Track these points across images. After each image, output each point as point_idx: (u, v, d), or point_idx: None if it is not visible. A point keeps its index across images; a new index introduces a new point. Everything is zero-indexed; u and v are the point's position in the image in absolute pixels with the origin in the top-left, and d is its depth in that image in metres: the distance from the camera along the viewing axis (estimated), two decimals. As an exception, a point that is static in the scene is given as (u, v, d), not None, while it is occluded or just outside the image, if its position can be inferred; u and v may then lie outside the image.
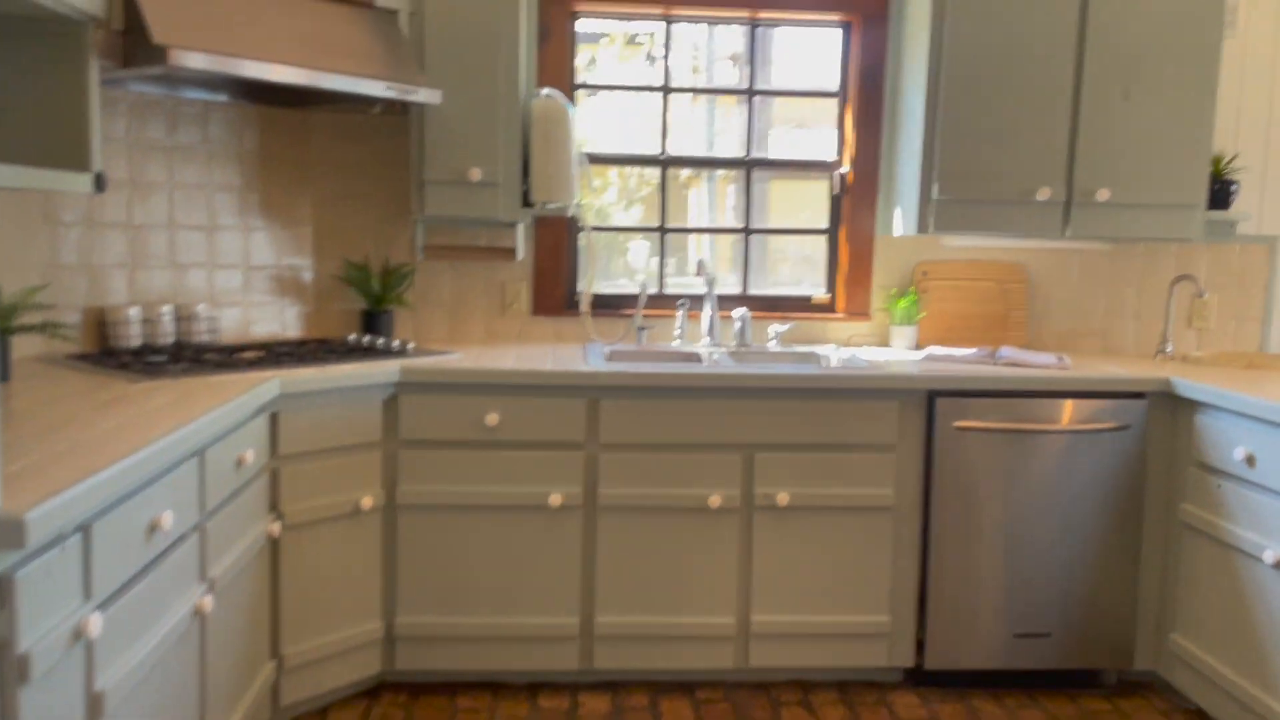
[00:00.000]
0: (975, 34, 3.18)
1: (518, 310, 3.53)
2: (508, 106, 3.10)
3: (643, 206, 3.94)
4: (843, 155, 3.66)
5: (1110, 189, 3.24)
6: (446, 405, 2.87)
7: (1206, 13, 3.20)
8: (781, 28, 3.67)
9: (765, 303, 3.67)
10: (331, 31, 2.78)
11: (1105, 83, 3.21)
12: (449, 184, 3.10)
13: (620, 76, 3.94)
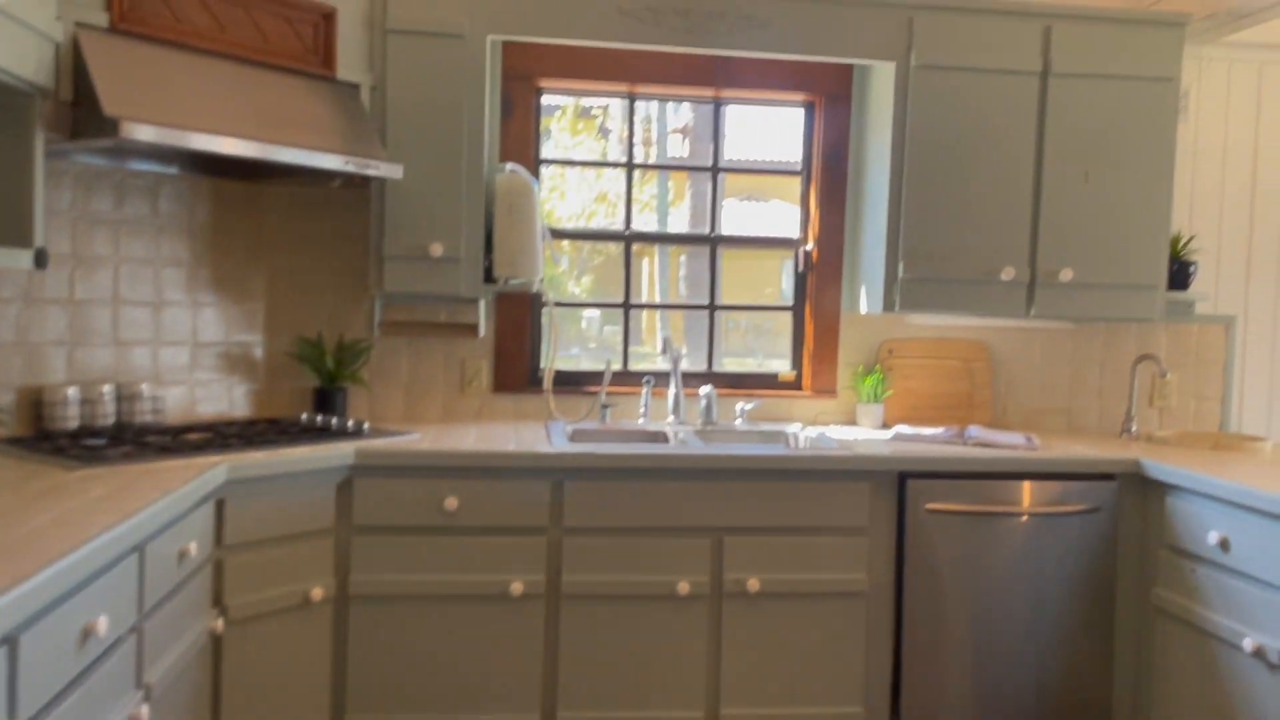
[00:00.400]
0: (937, 115, 3.21)
1: (478, 388, 3.43)
2: (471, 181, 3.05)
3: (594, 276, 3.90)
4: (807, 232, 3.65)
5: (1073, 269, 3.25)
6: (403, 489, 2.74)
7: (1160, 98, 3.27)
8: (738, 104, 3.68)
9: (731, 380, 3.61)
10: (289, 104, 2.71)
11: (1065, 165, 3.25)
12: (409, 259, 3.02)
13: (575, 149, 3.92)
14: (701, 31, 3.13)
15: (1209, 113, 3.71)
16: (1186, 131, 3.64)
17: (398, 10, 2.97)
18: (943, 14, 3.19)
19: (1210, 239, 3.71)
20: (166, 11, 2.51)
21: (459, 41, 3.00)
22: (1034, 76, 3.22)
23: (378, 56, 2.98)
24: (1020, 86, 3.22)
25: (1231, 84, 3.71)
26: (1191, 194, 3.71)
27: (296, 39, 2.79)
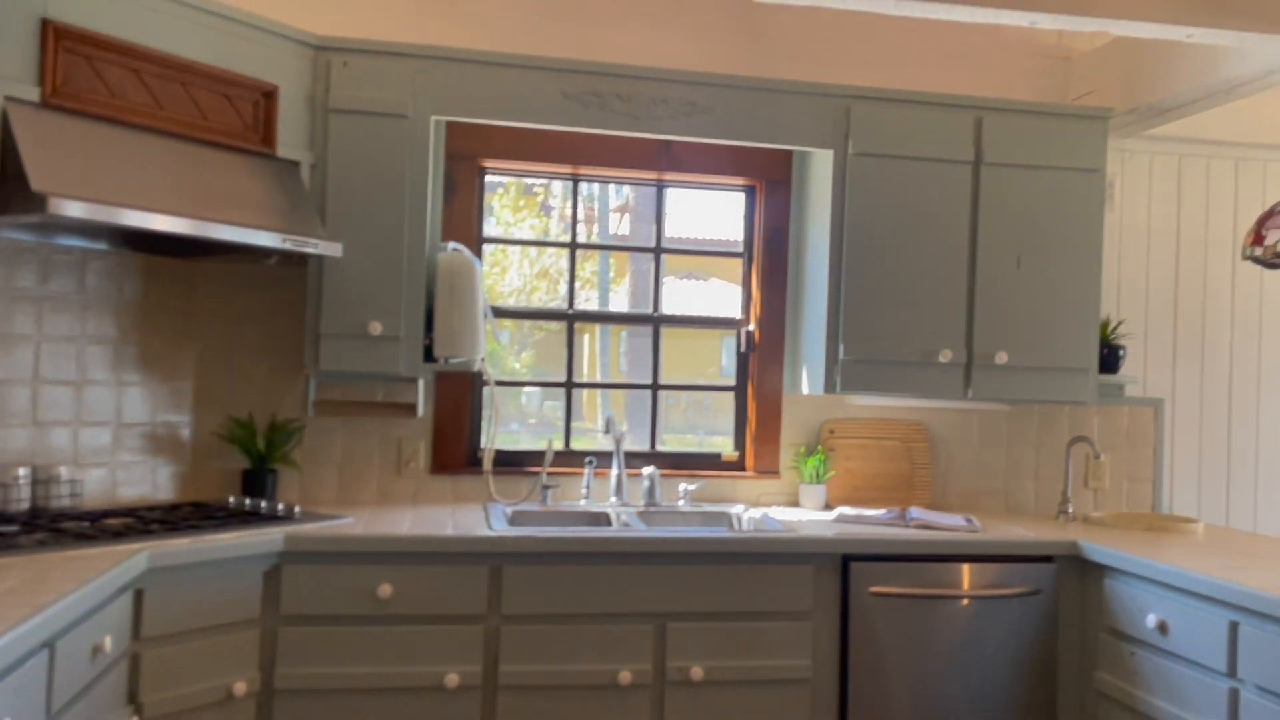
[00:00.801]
0: (875, 201, 3.27)
1: (415, 469, 3.35)
2: (412, 259, 3.01)
3: (535, 351, 3.87)
4: (749, 313, 3.67)
5: (1008, 352, 3.31)
6: (334, 576, 2.64)
7: (1087, 188, 3.38)
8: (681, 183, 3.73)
9: (674, 460, 3.58)
10: (226, 181, 2.67)
11: (999, 250, 3.33)
12: (347, 337, 2.96)
13: (518, 225, 3.92)
14: (645, 116, 3.17)
15: (1133, 202, 3.85)
16: (1113, 220, 3.76)
17: (341, 90, 2.96)
18: (878, 104, 3.28)
19: (1137, 324, 3.82)
20: (101, 87, 2.46)
21: (403, 121, 3.00)
22: (967, 165, 3.32)
23: (319, 134, 2.96)
24: (954, 174, 3.31)
25: (1153, 175, 3.86)
26: (1119, 280, 3.82)
27: (236, 116, 2.76)
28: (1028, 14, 2.65)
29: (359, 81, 2.97)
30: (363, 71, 2.97)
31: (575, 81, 3.12)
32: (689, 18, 3.50)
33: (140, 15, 2.56)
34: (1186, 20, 2.67)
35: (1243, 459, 3.94)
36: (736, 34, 3.55)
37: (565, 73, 3.11)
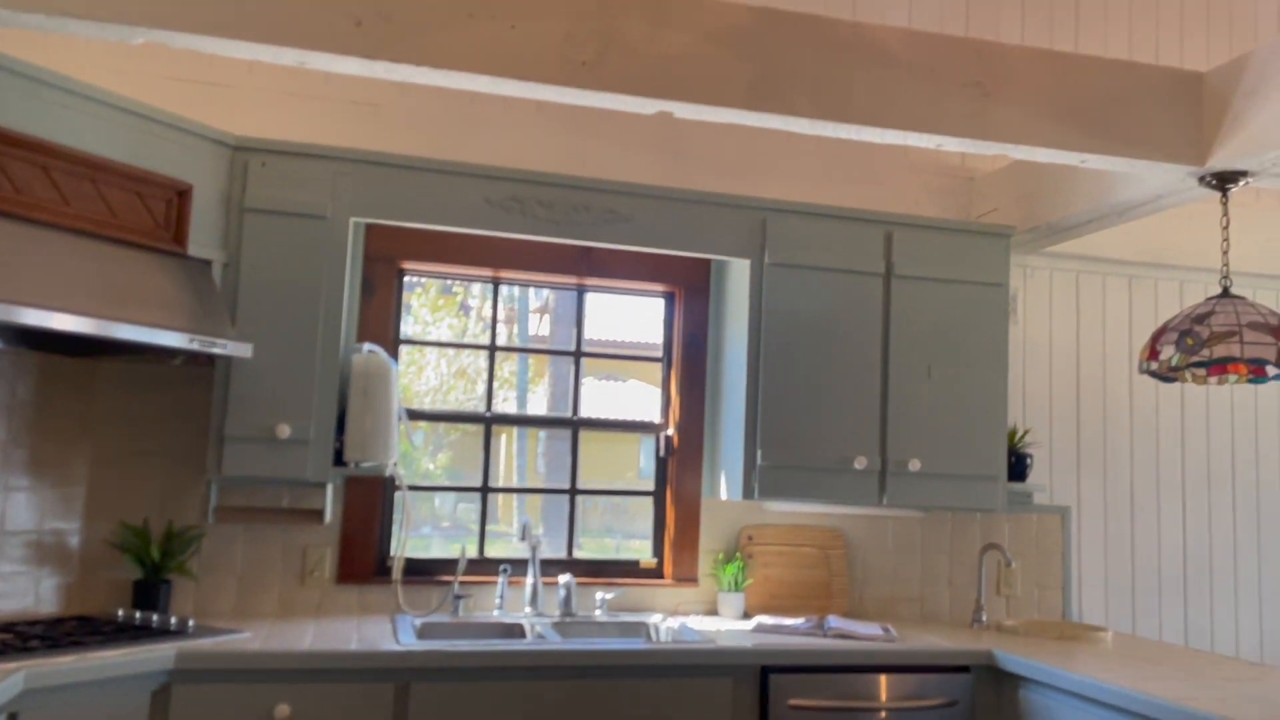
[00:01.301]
0: (791, 309, 3.34)
1: (320, 578, 3.21)
2: (325, 360, 2.95)
3: (451, 452, 3.79)
4: (668, 417, 3.67)
5: (921, 459, 3.36)
6: (228, 696, 2.49)
7: (992, 301, 3.50)
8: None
9: (590, 567, 3.51)
10: (133, 280, 2.59)
11: (910, 360, 3.41)
12: (253, 440, 2.86)
13: (436, 324, 3.88)
14: (567, 223, 3.20)
15: (1035, 315, 4.00)
16: (1017, 332, 3.90)
17: (258, 189, 2.92)
18: (794, 216, 3.37)
19: (1043, 433, 3.93)
20: (6, 183, 2.38)
21: (321, 222, 2.97)
22: (878, 277, 3.41)
23: (234, 233, 2.91)
24: (866, 286, 3.40)
25: (1053, 290, 4.03)
26: (1024, 390, 3.94)
27: (147, 214, 2.69)
28: (933, 136, 2.77)
29: (277, 182, 2.94)
30: (282, 172, 2.95)
31: (498, 188, 3.14)
32: (611, 128, 3.58)
33: (52, 112, 2.50)
34: (1080, 148, 2.83)
35: (1146, 566, 4.04)
36: (657, 145, 3.64)
37: (488, 179, 3.13)
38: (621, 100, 2.61)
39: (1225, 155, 2.79)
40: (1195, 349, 2.75)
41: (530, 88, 2.55)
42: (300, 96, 3.31)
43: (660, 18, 2.60)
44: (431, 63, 2.45)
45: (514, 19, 2.49)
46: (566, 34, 2.53)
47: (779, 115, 2.69)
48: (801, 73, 2.68)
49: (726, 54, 2.64)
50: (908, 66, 2.75)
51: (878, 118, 2.72)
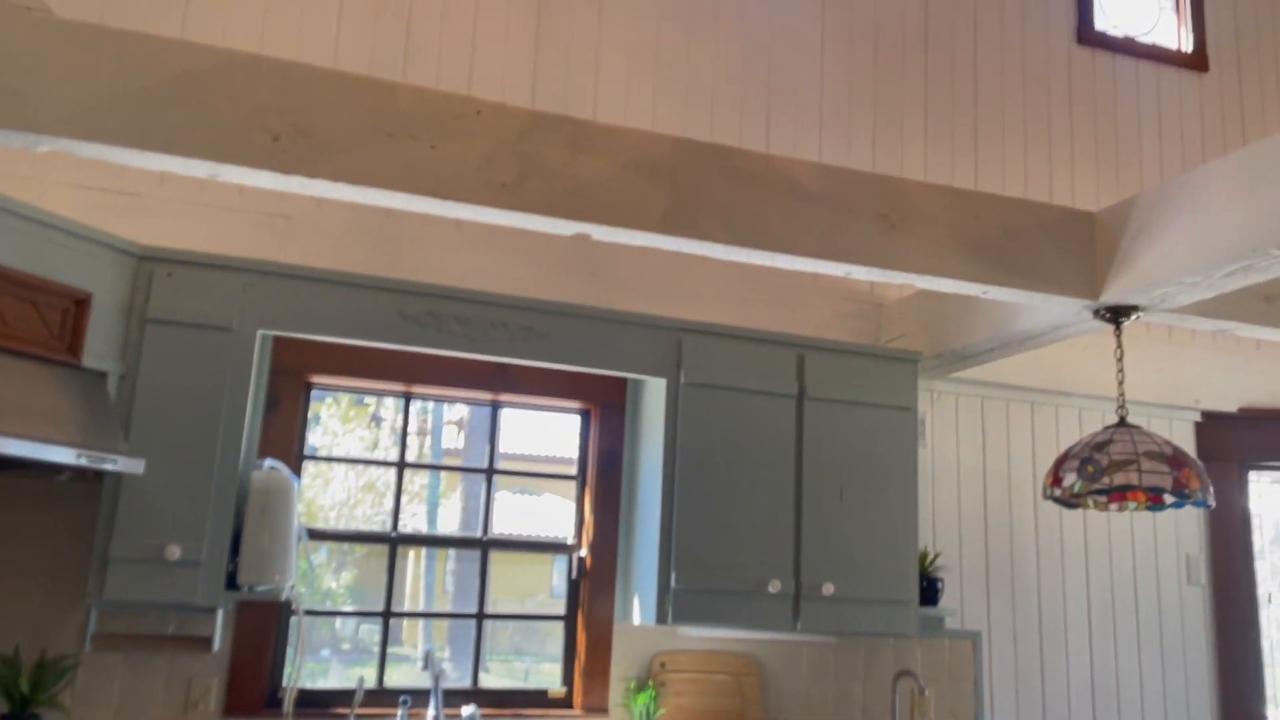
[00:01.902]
0: (706, 430, 3.34)
1: (205, 711, 3.00)
2: (223, 478, 2.82)
3: (355, 570, 3.65)
4: (581, 538, 3.60)
5: (833, 584, 3.34)
6: (95, 847, 2.28)
7: (902, 424, 3.56)
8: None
9: (497, 697, 3.37)
10: (20, 391, 2.46)
11: (823, 482, 3.42)
12: (140, 562, 2.70)
13: (346, 435, 3.78)
14: (482, 339, 3.18)
15: (943, 439, 4.08)
16: (926, 455, 3.97)
17: (162, 300, 2.84)
18: (708, 337, 3.41)
19: (953, 557, 3.97)
20: (-115, 286, 2.27)
21: (226, 334, 2.89)
22: (791, 399, 3.45)
23: (133, 345, 2.80)
24: (780, 407, 3.43)
25: (960, 414, 4.13)
26: (934, 514, 3.99)
27: (41, 324, 2.58)
28: (843, 265, 2.85)
29: (182, 292, 2.86)
30: (188, 282, 2.87)
31: (413, 303, 3.11)
32: (529, 246, 3.61)
33: (-56, 214, 2.41)
34: (982, 279, 2.93)
35: (1056, 691, 4.05)
36: (574, 264, 3.67)
37: (404, 294, 3.11)
38: (540, 221, 2.63)
39: (1116, 290, 2.92)
40: (1096, 476, 2.82)
41: (449, 206, 2.55)
42: (212, 207, 3.26)
43: (579, 144, 2.65)
44: (349, 179, 2.44)
45: (434, 140, 2.51)
46: (486, 156, 2.55)
47: (695, 240, 2.73)
48: (716, 200, 2.74)
49: (644, 180, 2.69)
50: (818, 198, 2.84)
51: (790, 246, 2.79)
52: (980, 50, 4.38)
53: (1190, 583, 4.31)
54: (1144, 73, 4.64)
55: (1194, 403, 4.34)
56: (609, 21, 3.91)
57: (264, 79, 2.35)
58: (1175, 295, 2.85)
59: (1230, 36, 4.83)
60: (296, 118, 2.37)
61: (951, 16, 4.37)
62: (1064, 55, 4.51)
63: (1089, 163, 4.45)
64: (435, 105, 2.51)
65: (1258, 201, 2.53)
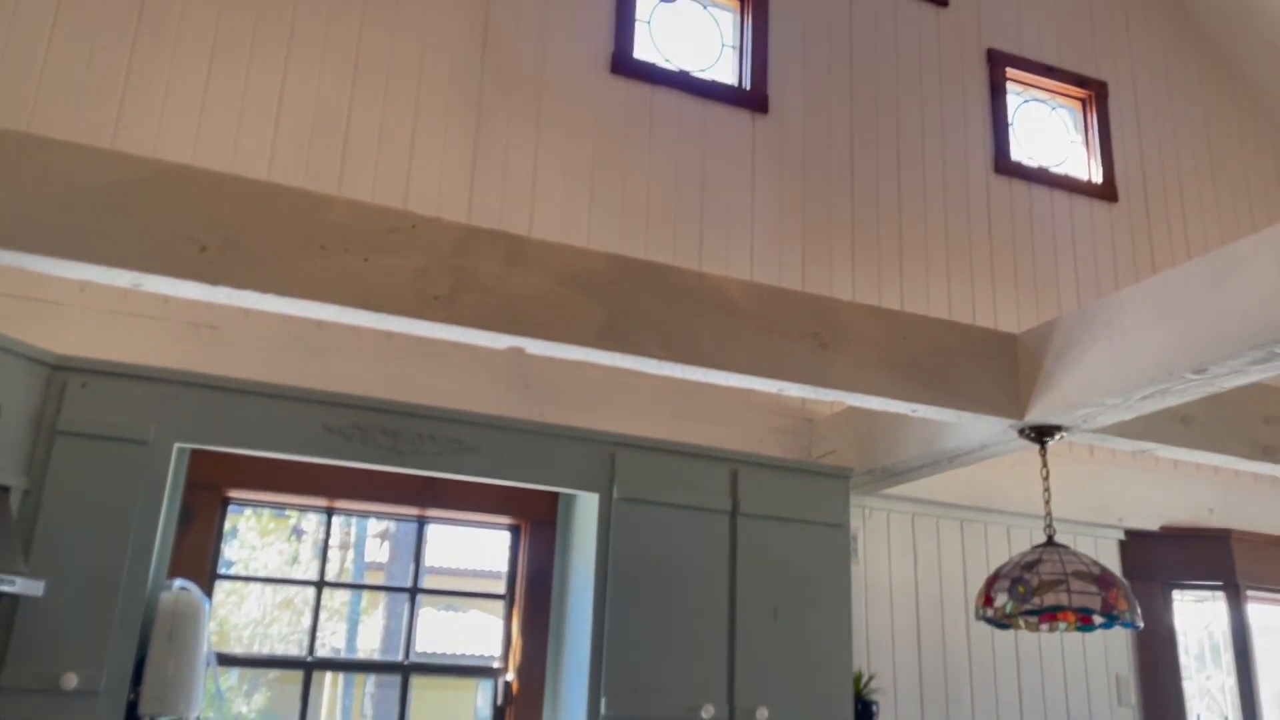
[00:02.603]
0: (639, 546, 3.28)
1: None
2: (129, 599, 2.67)
3: (269, 692, 3.45)
4: (508, 660, 3.47)
5: (768, 707, 3.26)
6: None
7: (834, 541, 3.55)
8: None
9: (413, 835, 3.17)
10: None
11: (757, 601, 3.37)
12: (32, 692, 2.51)
13: (264, 548, 3.63)
14: (411, 452, 3.11)
15: (875, 556, 4.07)
16: (859, 573, 3.95)
17: (74, 412, 2.73)
18: (641, 451, 3.38)
19: (887, 677, 3.91)
20: None
21: (141, 448, 2.78)
22: (725, 515, 3.42)
23: (40, 458, 2.67)
24: (713, 523, 3.40)
25: (891, 531, 4.14)
26: (867, 633, 3.94)
27: (-60, 433, 2.46)
28: (775, 382, 2.87)
29: (97, 404, 2.76)
30: (103, 394, 2.77)
31: (339, 414, 3.04)
32: (461, 358, 3.58)
33: None
34: (910, 398, 2.98)
35: (993, 817, 3.96)
36: (507, 376, 3.64)
37: (330, 405, 3.03)
38: (474, 334, 2.61)
39: (1040, 410, 2.99)
40: (1027, 597, 2.82)
41: (380, 319, 2.52)
42: (134, 316, 3.18)
43: (515, 259, 2.65)
44: (278, 291, 2.40)
45: (367, 253, 2.49)
46: (420, 269, 2.54)
47: (630, 355, 2.73)
48: (651, 316, 2.76)
49: (579, 295, 2.70)
50: (751, 316, 2.88)
51: (723, 362, 2.80)
52: (904, 176, 4.56)
53: (1121, 704, 4.31)
54: (1058, 201, 4.87)
55: (1118, 521, 4.42)
56: (546, 140, 3.98)
57: (194, 190, 2.33)
58: (1096, 416, 2.92)
59: (1137, 169, 5.11)
60: (226, 229, 2.34)
61: (876, 144, 4.56)
62: (982, 183, 4.72)
63: (1009, 286, 4.61)
64: (370, 218, 2.51)
65: (1171, 327, 2.62)
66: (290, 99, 3.68)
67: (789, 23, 4.55)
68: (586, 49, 4.16)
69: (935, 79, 4.78)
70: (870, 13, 4.75)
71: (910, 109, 4.67)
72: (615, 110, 4.13)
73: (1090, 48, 5.21)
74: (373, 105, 3.77)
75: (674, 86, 4.26)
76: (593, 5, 4.23)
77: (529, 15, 4.11)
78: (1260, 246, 2.44)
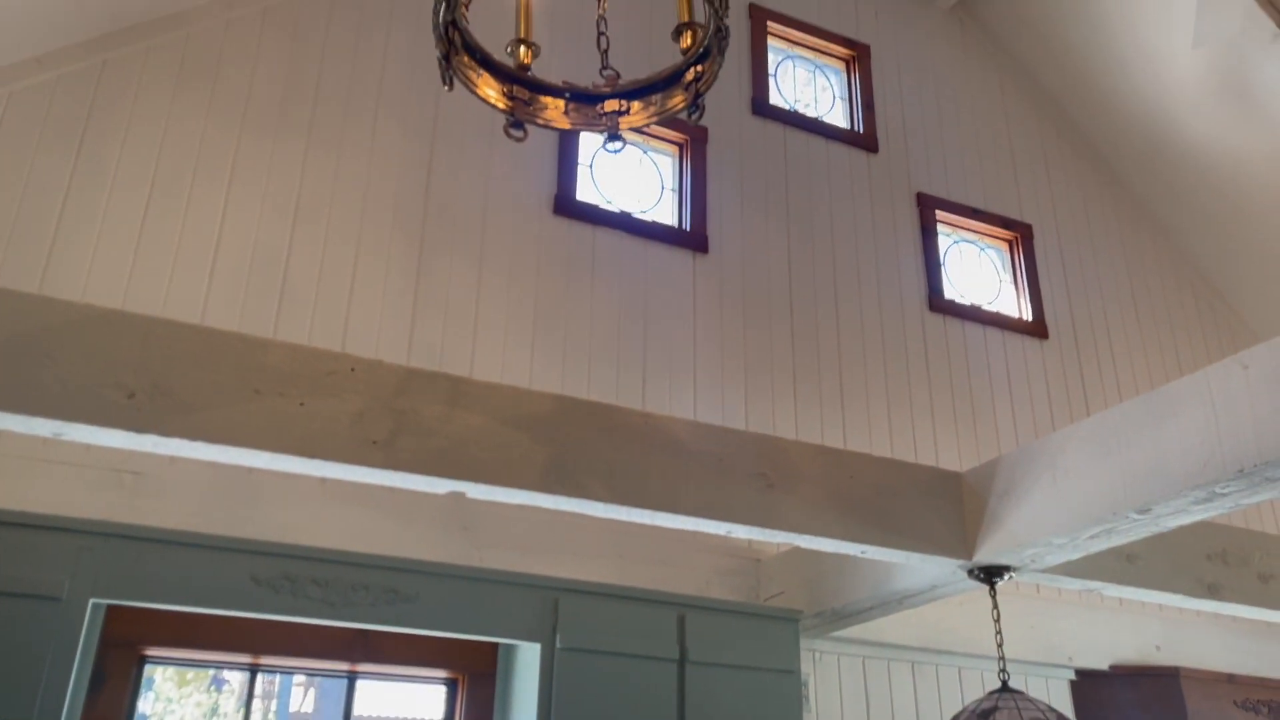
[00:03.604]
0: (583, 698, 3.13)
1: None
2: (27, 775, 2.45)
3: None
4: (442, 829, 3.24)
5: None
6: None
7: (785, 688, 3.43)
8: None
9: None
10: None
11: (707, 756, 3.22)
12: None
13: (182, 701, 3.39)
14: (342, 604, 2.96)
15: (826, 702, 3.94)
16: (810, 719, 3.81)
17: (-20, 565, 2.56)
18: (586, 597, 3.26)
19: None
20: None
21: (53, 604, 2.60)
22: (672, 664, 3.30)
23: (-62, 616, 2.49)
24: (660, 672, 3.27)
25: (842, 675, 4.03)
26: (822, 783, 3.79)
27: None
28: (723, 524, 2.82)
29: (8, 557, 2.59)
30: (15, 546, 2.60)
31: (268, 565, 2.90)
32: (398, 503, 3.46)
33: None
34: (859, 539, 2.94)
35: None
36: (446, 521, 3.53)
37: (257, 555, 2.89)
38: (413, 480, 2.53)
39: (988, 551, 2.96)
40: (986, 747, 2.73)
41: (316, 465, 2.43)
42: (54, 463, 3.04)
43: (456, 400, 2.60)
44: (208, 438, 2.31)
45: (304, 397, 2.42)
46: (358, 413, 2.47)
47: (575, 499, 2.67)
48: (596, 458, 2.71)
49: (523, 437, 2.65)
50: (697, 456, 2.84)
51: (670, 504, 2.75)
52: (842, 315, 4.64)
53: None
54: (991, 338, 4.99)
55: (1068, 660, 4.36)
56: (489, 280, 3.99)
57: (123, 335, 2.25)
58: (1044, 556, 2.90)
59: (1065, 308, 5.28)
60: (156, 375, 2.26)
61: (814, 283, 4.65)
62: (918, 321, 4.83)
63: (948, 422, 4.66)
64: (307, 362, 2.44)
65: (1112, 466, 2.64)
66: (229, 240, 3.64)
67: (726, 167, 4.69)
68: (529, 190, 4.22)
69: (869, 220, 4.93)
70: (804, 157, 4.93)
71: (846, 249, 4.80)
72: (558, 250, 4.17)
73: (1014, 192, 5.45)
74: (313, 246, 3.76)
75: (616, 227, 4.33)
76: (536, 148, 4.32)
77: (472, 157, 4.17)
78: (1192, 388, 2.50)
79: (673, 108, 2.25)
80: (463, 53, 2.16)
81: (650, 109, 2.26)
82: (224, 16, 3.98)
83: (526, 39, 2.25)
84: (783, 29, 5.23)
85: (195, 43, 3.90)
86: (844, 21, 5.39)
